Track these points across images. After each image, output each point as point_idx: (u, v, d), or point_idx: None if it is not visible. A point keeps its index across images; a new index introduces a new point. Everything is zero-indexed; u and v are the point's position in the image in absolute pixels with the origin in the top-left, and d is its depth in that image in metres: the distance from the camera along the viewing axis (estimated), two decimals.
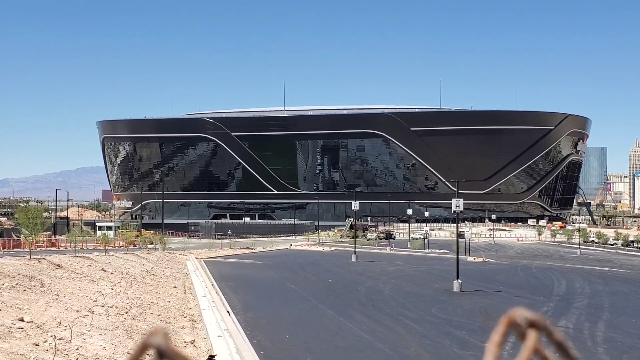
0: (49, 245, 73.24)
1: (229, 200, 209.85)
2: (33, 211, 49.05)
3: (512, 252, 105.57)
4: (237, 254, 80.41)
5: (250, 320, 28.54)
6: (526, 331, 1.51)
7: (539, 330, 1.51)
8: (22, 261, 35.04)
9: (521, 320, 1.50)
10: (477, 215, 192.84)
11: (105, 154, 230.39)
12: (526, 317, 1.50)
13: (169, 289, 38.80)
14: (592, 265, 76.04)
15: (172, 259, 62.86)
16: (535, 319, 1.51)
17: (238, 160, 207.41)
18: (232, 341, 21.16)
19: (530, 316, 1.51)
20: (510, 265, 72.92)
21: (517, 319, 1.49)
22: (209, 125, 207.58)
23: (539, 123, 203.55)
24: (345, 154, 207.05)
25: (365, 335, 26.06)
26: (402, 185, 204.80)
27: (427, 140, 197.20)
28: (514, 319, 1.49)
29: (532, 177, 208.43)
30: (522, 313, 1.49)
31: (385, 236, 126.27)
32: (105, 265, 42.38)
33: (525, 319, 1.50)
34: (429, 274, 58.20)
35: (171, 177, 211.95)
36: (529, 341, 1.50)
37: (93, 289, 31.51)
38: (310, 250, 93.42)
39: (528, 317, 1.50)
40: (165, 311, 30.08)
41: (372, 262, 70.16)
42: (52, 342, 18.03)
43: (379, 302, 36.69)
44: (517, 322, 1.50)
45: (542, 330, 1.52)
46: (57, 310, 23.72)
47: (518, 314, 1.49)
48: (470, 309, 34.99)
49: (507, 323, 1.48)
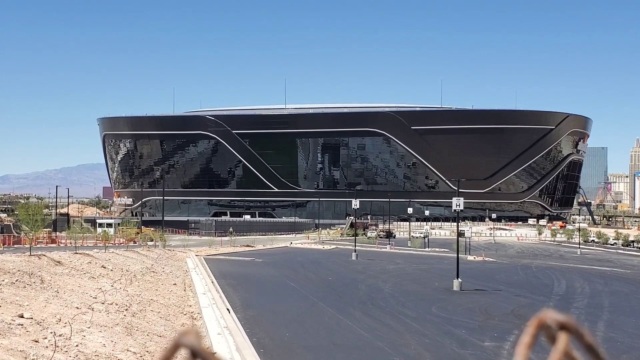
0: (49, 241, 73.26)
1: (229, 198, 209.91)
2: (33, 208, 49.07)
3: (512, 251, 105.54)
4: (237, 251, 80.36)
5: (250, 318, 28.53)
6: (557, 333, 1.47)
7: (569, 332, 1.48)
8: (22, 258, 35.06)
9: (552, 322, 1.47)
10: (477, 214, 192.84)
11: (106, 151, 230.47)
12: (557, 319, 1.47)
13: (169, 286, 38.80)
14: (592, 265, 76.02)
15: (172, 256, 62.88)
16: (566, 321, 1.48)
17: (239, 157, 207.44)
18: (232, 339, 21.15)
19: (561, 318, 1.47)
20: (510, 265, 72.90)
21: (548, 320, 1.46)
22: (210, 122, 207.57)
23: (540, 122, 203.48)
24: (345, 152, 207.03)
25: (364, 334, 26.05)
26: (403, 183, 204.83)
27: (427, 138, 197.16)
28: (544, 320, 1.46)
29: (533, 176, 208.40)
30: (553, 315, 1.46)
31: (385, 235, 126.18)
32: (106, 262, 42.40)
33: (556, 321, 1.47)
34: (429, 273, 58.20)
35: (172, 175, 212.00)
36: (560, 344, 1.46)
37: (93, 286, 31.51)
38: (311, 249, 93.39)
39: (559, 319, 1.47)
40: (165, 308, 30.07)
41: (372, 261, 70.13)
42: (52, 338, 18.03)
43: (378, 301, 36.69)
44: (548, 324, 1.46)
45: (572, 333, 1.48)
46: (57, 307, 23.72)
47: (549, 316, 1.46)
48: (470, 308, 34.98)
49: (538, 324, 1.45)
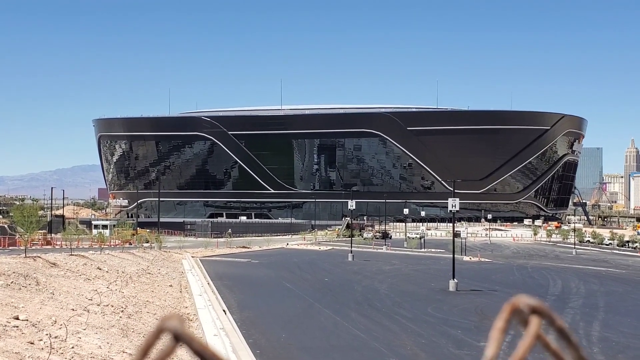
0: (44, 243, 73.00)
1: (225, 199, 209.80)
2: (28, 209, 48.98)
3: (508, 251, 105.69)
4: (233, 252, 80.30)
5: (246, 319, 28.51)
6: (529, 317, 1.52)
7: (541, 316, 1.52)
8: (17, 259, 34.94)
9: (524, 306, 1.51)
10: (473, 215, 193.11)
11: (102, 152, 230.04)
12: (529, 303, 1.51)
13: (164, 287, 38.74)
14: (587, 265, 76.19)
15: (168, 257, 62.76)
16: (537, 306, 1.51)
17: (235, 159, 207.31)
18: (228, 340, 21.14)
19: (532, 303, 1.51)
20: (506, 265, 73.01)
21: (520, 305, 1.50)
22: (206, 123, 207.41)
23: (535, 123, 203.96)
24: (342, 153, 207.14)
25: (361, 334, 26.05)
26: (399, 184, 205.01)
27: (423, 139, 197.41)
28: (517, 305, 1.50)
29: (528, 177, 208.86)
30: (525, 300, 1.50)
31: (381, 235, 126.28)
32: (101, 264, 42.31)
33: (528, 305, 1.51)
34: (425, 274, 58.24)
35: (167, 176, 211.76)
36: (532, 327, 1.51)
37: (89, 288, 31.45)
38: (307, 250, 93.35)
39: (530, 303, 1.51)
40: (161, 310, 30.03)
41: (368, 262, 70.13)
42: (48, 340, 17.99)
43: (375, 301, 36.70)
44: (520, 309, 1.50)
45: (544, 317, 1.53)
46: (53, 308, 23.66)
47: (521, 301, 1.50)
48: (466, 309, 35.02)
49: (511, 309, 1.49)
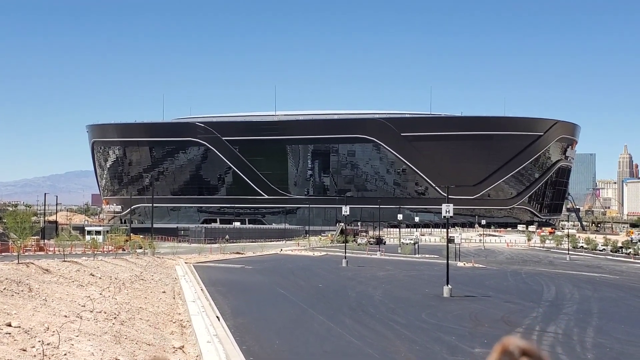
0: (37, 249, 72.56)
1: (219, 205, 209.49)
2: (21, 215, 48.68)
3: (501, 257, 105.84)
4: (227, 258, 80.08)
5: (240, 326, 28.42)
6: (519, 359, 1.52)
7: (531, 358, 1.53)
8: (10, 266, 34.76)
9: (514, 348, 1.51)
10: (467, 221, 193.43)
11: (95, 158, 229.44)
12: (519, 345, 1.52)
13: (158, 294, 38.57)
14: (581, 271, 76.37)
15: (162, 263, 62.56)
16: (527, 348, 1.52)
17: (228, 164, 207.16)
18: (222, 347, 21.05)
19: (522, 345, 1.53)
20: (499, 271, 73.11)
21: (510, 347, 1.51)
22: (200, 129, 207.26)
23: (529, 129, 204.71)
24: (335, 158, 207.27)
25: (355, 341, 26.00)
26: (393, 190, 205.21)
27: (417, 145, 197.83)
28: (507, 347, 1.51)
29: (522, 182, 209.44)
30: (515, 341, 1.52)
31: (375, 241, 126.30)
32: (94, 270, 42.12)
33: (518, 347, 1.52)
34: (419, 279, 58.24)
35: (161, 182, 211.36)
36: None
37: (81, 294, 31.29)
38: (301, 255, 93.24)
39: (521, 345, 1.52)
40: (154, 316, 29.89)
41: (362, 267, 70.10)
42: (40, 347, 17.87)
43: (369, 307, 36.64)
44: (510, 350, 1.51)
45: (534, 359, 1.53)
46: (45, 315, 23.52)
47: (511, 342, 1.52)
48: (460, 315, 35.01)
49: (501, 351, 1.49)
